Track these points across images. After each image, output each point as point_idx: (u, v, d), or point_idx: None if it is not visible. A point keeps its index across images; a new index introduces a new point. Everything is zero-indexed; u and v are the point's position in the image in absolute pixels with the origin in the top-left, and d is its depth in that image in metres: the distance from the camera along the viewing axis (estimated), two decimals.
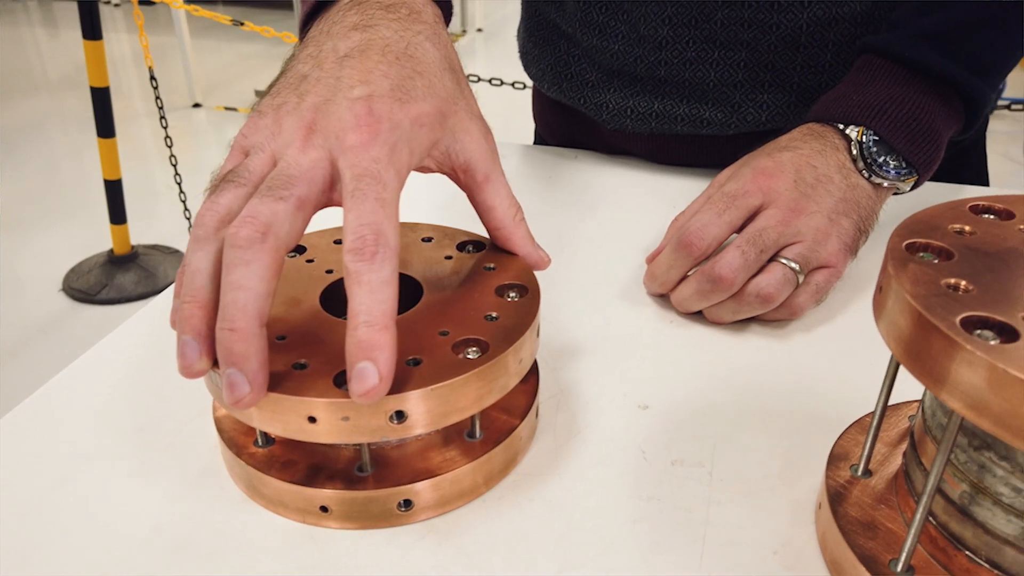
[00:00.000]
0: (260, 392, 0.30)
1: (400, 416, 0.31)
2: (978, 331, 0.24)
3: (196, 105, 3.59)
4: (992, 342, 0.24)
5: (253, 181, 0.32)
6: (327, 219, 0.37)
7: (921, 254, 0.29)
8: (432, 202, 0.57)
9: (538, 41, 0.72)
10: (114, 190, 2.08)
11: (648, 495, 0.35)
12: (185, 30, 3.49)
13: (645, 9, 0.61)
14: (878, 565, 0.29)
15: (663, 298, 0.49)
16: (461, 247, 0.40)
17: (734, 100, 0.62)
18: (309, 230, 0.34)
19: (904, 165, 0.50)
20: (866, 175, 0.49)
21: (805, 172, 0.48)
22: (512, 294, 0.37)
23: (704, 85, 0.63)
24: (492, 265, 0.39)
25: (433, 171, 0.38)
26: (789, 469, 0.37)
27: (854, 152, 0.49)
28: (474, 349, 0.33)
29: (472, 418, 0.35)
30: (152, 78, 2.06)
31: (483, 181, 0.38)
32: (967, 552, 0.28)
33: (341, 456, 0.34)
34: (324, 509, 0.33)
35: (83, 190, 2.68)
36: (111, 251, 2.17)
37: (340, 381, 0.31)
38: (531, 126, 0.83)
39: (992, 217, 0.31)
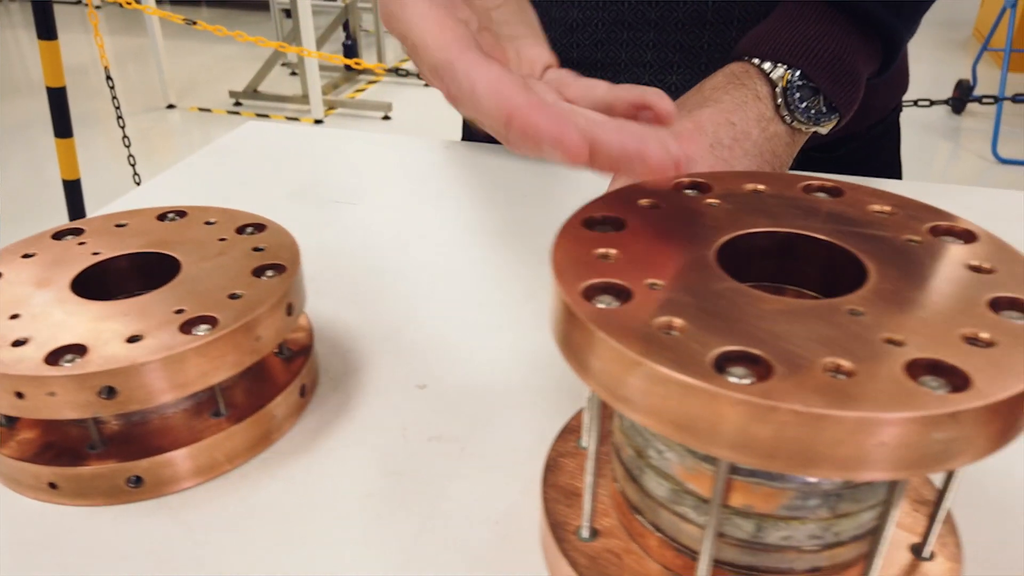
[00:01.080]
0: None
1: (111, 392, 0.31)
2: (600, 297, 0.25)
3: (170, 106, 3.60)
4: (602, 306, 0.24)
5: None
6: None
7: (600, 225, 0.29)
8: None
9: None
10: (73, 190, 2.09)
11: (391, 470, 0.36)
12: (157, 31, 3.49)
13: None
14: (564, 531, 0.30)
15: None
16: (240, 230, 0.41)
17: (644, 80, 0.63)
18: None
19: (825, 109, 0.50)
20: (788, 120, 0.50)
21: (722, 132, 0.48)
22: (269, 273, 0.37)
23: (615, 66, 0.64)
24: (262, 247, 0.39)
25: None
26: (541, 444, 0.37)
27: (778, 100, 0.50)
28: (205, 327, 0.33)
29: (214, 395, 0.36)
30: (108, 78, 2.07)
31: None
32: (638, 516, 0.29)
33: (73, 434, 0.34)
34: (52, 486, 0.33)
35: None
36: None
37: (53, 360, 0.31)
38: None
39: (693, 192, 0.32)
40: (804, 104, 0.49)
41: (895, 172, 0.75)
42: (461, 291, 0.50)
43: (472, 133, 0.81)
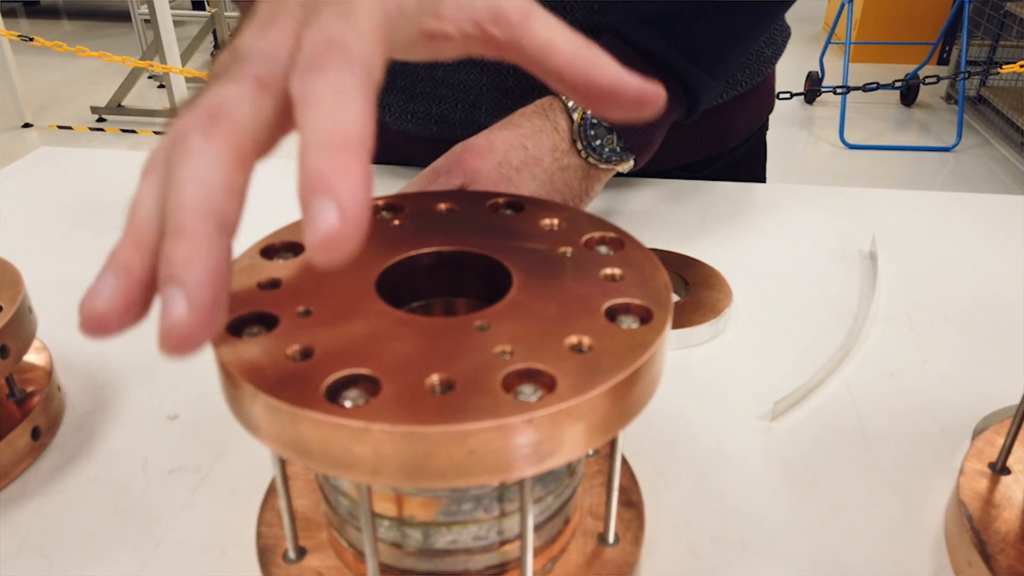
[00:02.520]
0: (203, 318, 0.21)
1: None
2: (249, 328, 0.25)
3: (26, 125, 3.40)
4: (247, 336, 0.25)
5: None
6: None
7: (282, 253, 0.30)
8: None
9: None
10: None
11: (124, 507, 0.36)
12: (7, 50, 3.29)
13: None
14: (274, 553, 0.31)
15: None
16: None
17: (506, 105, 0.63)
18: None
19: (619, 148, 0.52)
20: (583, 155, 0.52)
21: (513, 154, 0.50)
22: None
23: (478, 89, 0.64)
24: None
25: (451, 47, 0.28)
26: None
27: (574, 136, 0.52)
28: None
29: None
30: None
31: (523, 19, 0.28)
32: (335, 532, 0.30)
33: None
34: None
35: None
36: None
37: None
38: None
39: (385, 214, 0.33)
40: (599, 142, 0.52)
41: (760, 180, 0.79)
42: None
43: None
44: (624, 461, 0.36)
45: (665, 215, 0.62)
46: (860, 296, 0.51)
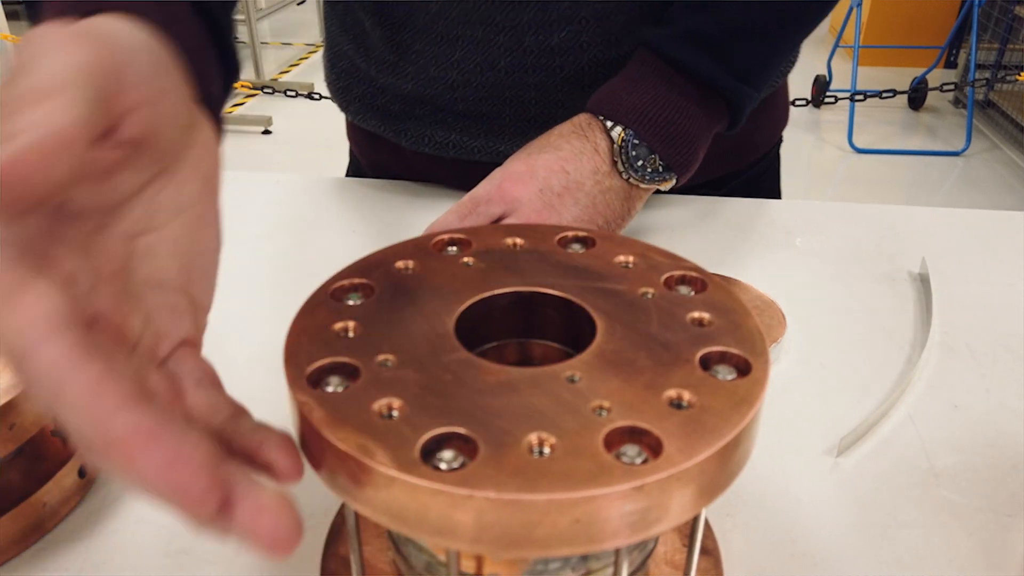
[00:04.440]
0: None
1: None
2: (328, 379, 0.24)
3: None
4: (329, 389, 0.24)
5: None
6: None
7: (351, 295, 0.29)
8: None
9: (340, 73, 0.70)
10: None
11: (177, 549, 0.34)
12: (12, 52, 3.28)
13: (435, 51, 0.60)
14: None
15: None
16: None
17: (529, 134, 0.59)
18: None
19: (661, 168, 0.51)
20: (624, 176, 0.50)
21: (554, 179, 0.48)
22: None
23: (500, 119, 0.63)
24: None
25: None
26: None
27: (615, 157, 0.50)
28: None
29: None
30: None
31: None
32: None
33: None
34: None
35: None
36: None
37: None
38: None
39: (452, 249, 0.32)
40: (640, 162, 0.50)
41: (775, 196, 0.77)
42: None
43: (355, 156, 0.78)
44: None
45: (697, 234, 0.61)
46: (915, 321, 0.50)
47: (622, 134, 0.50)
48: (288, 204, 0.66)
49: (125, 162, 0.25)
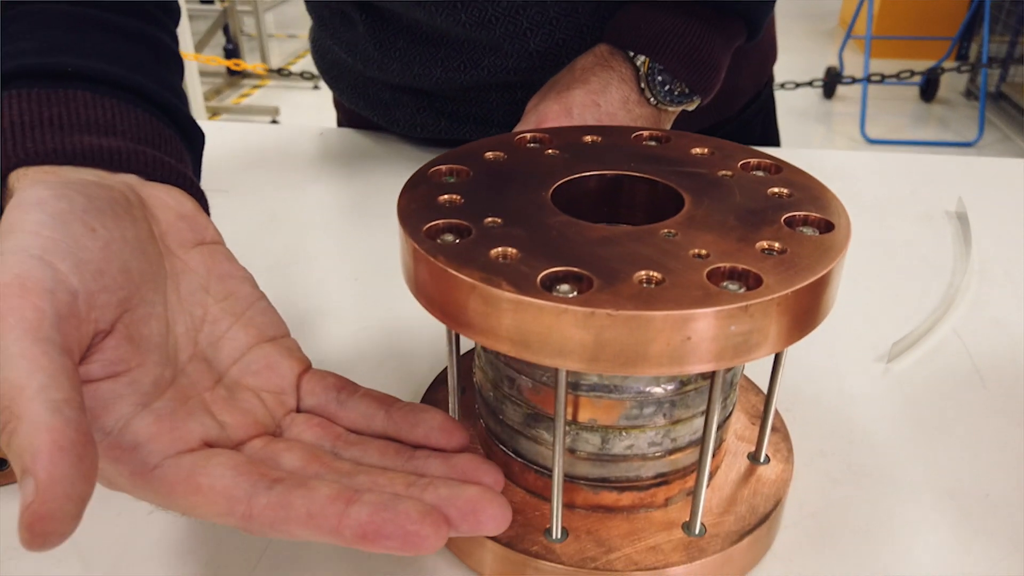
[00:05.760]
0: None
1: None
2: (442, 236, 0.26)
3: None
4: (444, 238, 0.26)
5: None
6: None
7: (447, 177, 0.31)
8: None
9: (329, 65, 0.72)
10: None
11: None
12: None
13: (419, 50, 0.61)
14: None
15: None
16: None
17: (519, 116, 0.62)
18: None
19: (688, 90, 0.52)
20: (653, 102, 0.52)
21: (588, 114, 0.49)
22: None
23: (488, 110, 0.64)
24: None
25: None
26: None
27: (641, 84, 0.51)
28: None
29: None
30: None
31: None
32: (500, 445, 0.31)
33: None
34: None
35: None
36: None
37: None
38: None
39: (535, 145, 0.34)
40: (667, 87, 0.51)
41: (773, 142, 0.78)
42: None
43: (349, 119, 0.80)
44: (759, 390, 0.36)
45: None
46: (954, 253, 0.52)
47: (647, 61, 0.51)
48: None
49: (121, 343, 0.25)
